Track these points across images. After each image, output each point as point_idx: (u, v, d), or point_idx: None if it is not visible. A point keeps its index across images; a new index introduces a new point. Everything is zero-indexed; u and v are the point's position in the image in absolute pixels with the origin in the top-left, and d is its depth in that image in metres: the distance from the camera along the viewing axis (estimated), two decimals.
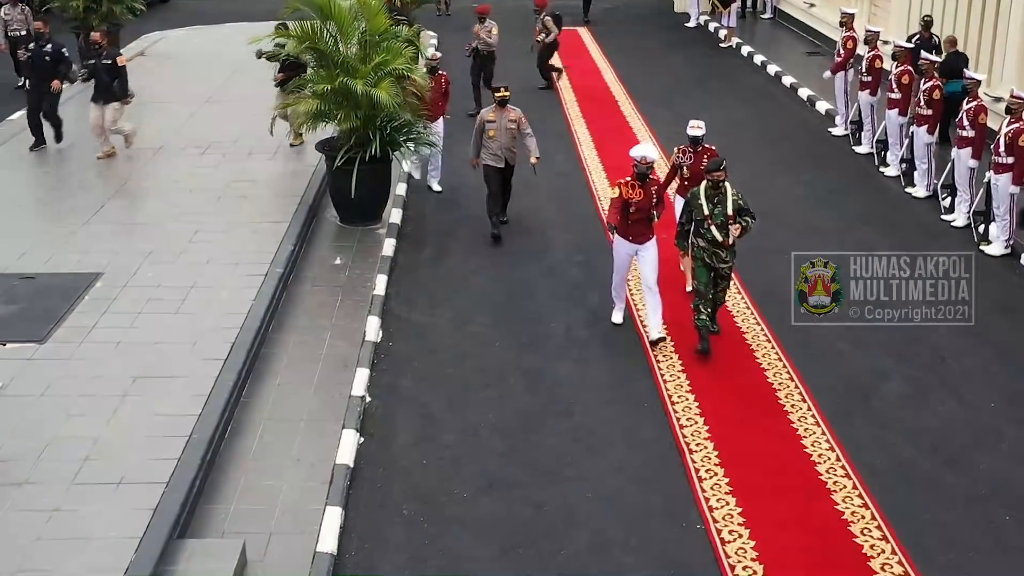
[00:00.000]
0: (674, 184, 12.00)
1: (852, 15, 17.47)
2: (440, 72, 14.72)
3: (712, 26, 26.31)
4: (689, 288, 11.04)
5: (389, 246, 12.99)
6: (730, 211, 10.09)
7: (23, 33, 19.86)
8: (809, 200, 14.89)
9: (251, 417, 9.29)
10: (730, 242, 10.16)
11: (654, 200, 10.57)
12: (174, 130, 16.63)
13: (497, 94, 13.08)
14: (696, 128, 11.63)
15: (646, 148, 10.82)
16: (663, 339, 10.56)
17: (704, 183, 10.28)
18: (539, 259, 12.93)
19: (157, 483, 7.95)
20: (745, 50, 23.87)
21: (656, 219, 10.70)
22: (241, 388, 9.52)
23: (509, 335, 11.06)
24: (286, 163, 15.26)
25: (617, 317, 11.13)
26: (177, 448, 8.39)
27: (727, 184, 10.20)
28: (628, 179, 10.57)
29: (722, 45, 24.74)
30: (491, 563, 7.74)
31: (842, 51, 17.30)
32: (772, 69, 21.96)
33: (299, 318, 11.13)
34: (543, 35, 20.39)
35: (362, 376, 10.02)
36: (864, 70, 16.22)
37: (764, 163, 16.39)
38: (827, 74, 17.58)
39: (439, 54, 15.04)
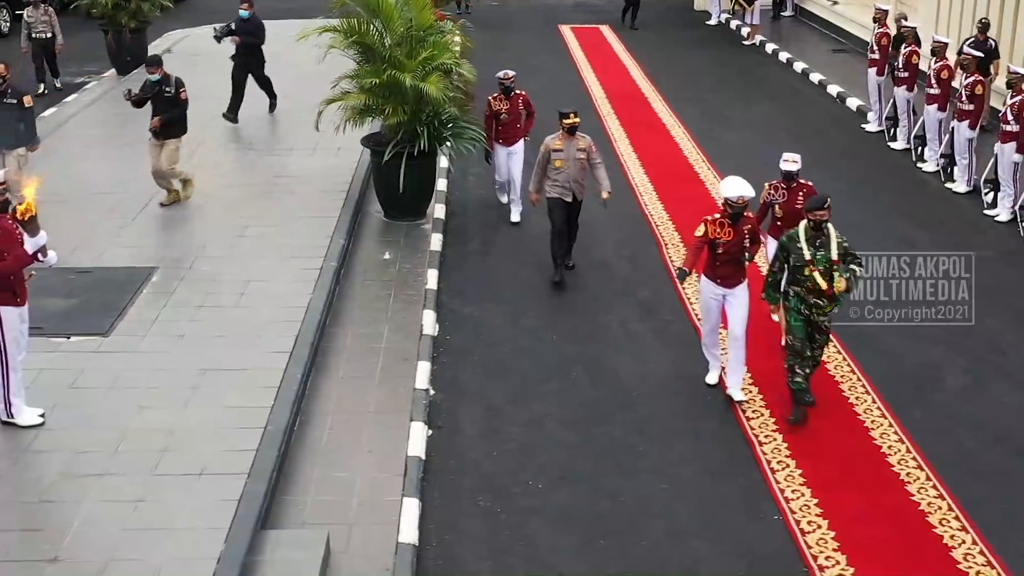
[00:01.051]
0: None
1: (886, 11, 17.46)
2: (517, 92, 13.46)
3: (733, 24, 26.34)
4: (784, 343, 9.55)
5: (436, 241, 13.00)
6: (835, 255, 8.90)
7: (48, 36, 19.74)
8: (847, 195, 14.82)
9: (318, 409, 9.30)
10: (834, 291, 8.96)
11: (746, 240, 9.35)
12: (210, 126, 16.61)
13: (566, 120, 11.59)
14: (791, 162, 10.51)
15: (741, 185, 9.37)
16: (745, 401, 9.50)
17: (803, 223, 9.07)
18: (586, 253, 12.91)
19: (238, 474, 7.96)
20: (769, 47, 23.91)
21: (749, 260, 9.56)
22: (306, 381, 9.53)
23: (564, 329, 11.08)
24: (326, 158, 15.25)
25: (712, 377, 9.82)
26: (253, 440, 8.41)
27: (830, 225, 9.01)
28: (717, 217, 9.41)
29: (745, 43, 24.76)
30: (573, 554, 7.75)
31: (876, 47, 17.31)
32: (799, 66, 21.99)
33: (354, 312, 11.13)
34: None
35: (424, 369, 10.03)
36: (901, 66, 16.24)
37: (805, 160, 16.34)
38: (875, 76, 17.44)
39: (512, 73, 13.42)
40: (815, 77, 21.08)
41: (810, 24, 26.13)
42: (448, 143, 13.19)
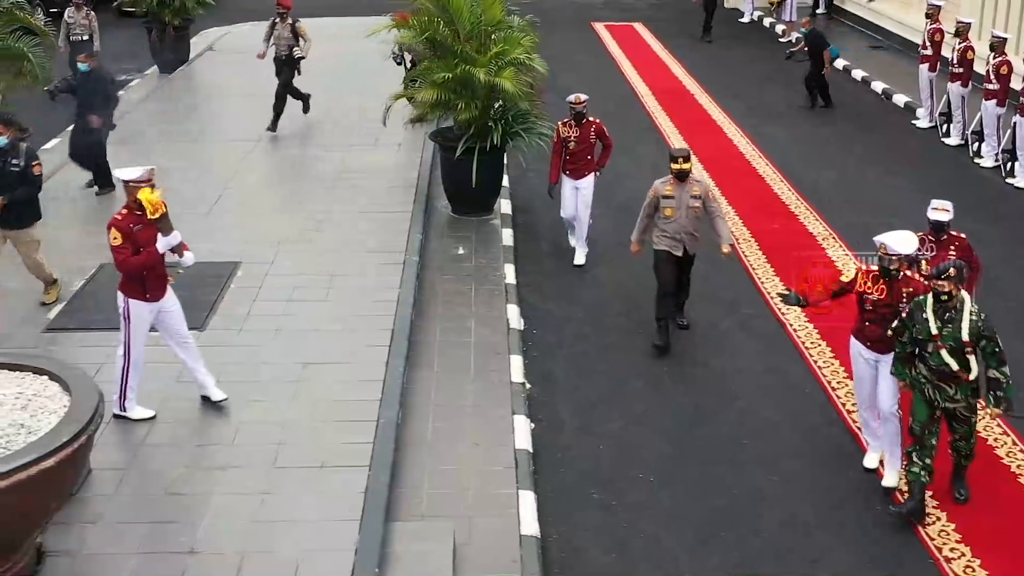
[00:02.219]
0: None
1: (939, 7, 17.47)
2: (589, 119, 11.96)
3: (767, 21, 26.36)
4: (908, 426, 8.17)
5: (507, 236, 13.01)
6: (965, 335, 7.54)
7: (85, 38, 19.29)
8: (906, 191, 14.91)
9: (417, 403, 9.29)
10: (969, 377, 7.66)
11: (903, 300, 8.02)
12: (266, 121, 16.61)
13: (674, 166, 10.23)
14: (941, 211, 9.09)
15: (906, 240, 8.19)
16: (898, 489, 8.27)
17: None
18: (648, 251, 12.88)
19: (358, 467, 7.98)
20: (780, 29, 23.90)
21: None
22: (405, 374, 9.53)
23: (649, 324, 11.06)
24: (388, 154, 15.30)
25: (870, 460, 8.57)
26: (366, 433, 8.42)
27: (966, 296, 7.67)
28: (869, 269, 8.31)
29: (781, 40, 24.77)
30: (694, 546, 7.77)
31: (929, 43, 17.33)
32: (839, 63, 21.95)
33: (438, 306, 11.13)
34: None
35: (516, 363, 10.04)
36: (955, 61, 16.26)
37: (852, 155, 16.46)
38: (927, 72, 17.43)
39: (585, 97, 11.93)
40: (857, 74, 21.10)
41: (843, 21, 26.13)
42: (521, 138, 13.15)
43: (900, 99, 19.13)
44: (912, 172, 15.64)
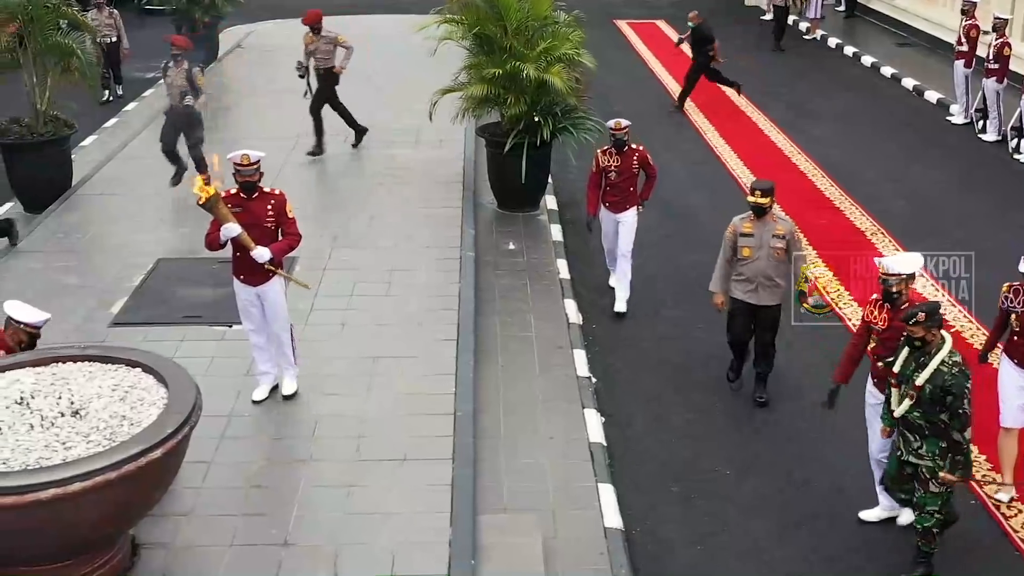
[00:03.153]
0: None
1: (975, 3, 17.46)
2: (632, 146, 10.77)
3: (790, 18, 26.33)
4: None
5: (556, 232, 13.01)
6: (919, 380, 6.84)
7: (113, 39, 18.97)
8: (950, 186, 14.92)
9: (487, 397, 9.28)
10: (897, 415, 7.07)
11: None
12: (305, 118, 16.58)
13: (752, 198, 9.08)
14: None
15: (908, 261, 7.66)
16: None
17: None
18: (706, 244, 12.86)
19: (440, 460, 7.99)
20: (832, 41, 23.90)
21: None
22: (475, 369, 9.53)
23: (706, 319, 11.04)
24: (430, 150, 15.28)
25: (869, 515, 7.95)
26: (445, 426, 8.42)
27: (947, 345, 6.90)
28: (872, 297, 7.79)
29: (806, 37, 24.76)
30: (776, 538, 7.77)
31: (964, 39, 17.32)
32: (867, 60, 21.99)
33: (495, 301, 11.12)
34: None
35: (580, 357, 10.03)
36: (991, 57, 16.28)
37: (891, 151, 16.44)
38: (962, 68, 17.43)
39: (626, 123, 10.70)
40: (887, 71, 21.08)
41: (865, 18, 26.10)
42: (570, 133, 13.14)
43: (932, 95, 19.12)
44: (952, 167, 15.63)
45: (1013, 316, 7.85)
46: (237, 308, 8.79)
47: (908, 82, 20.17)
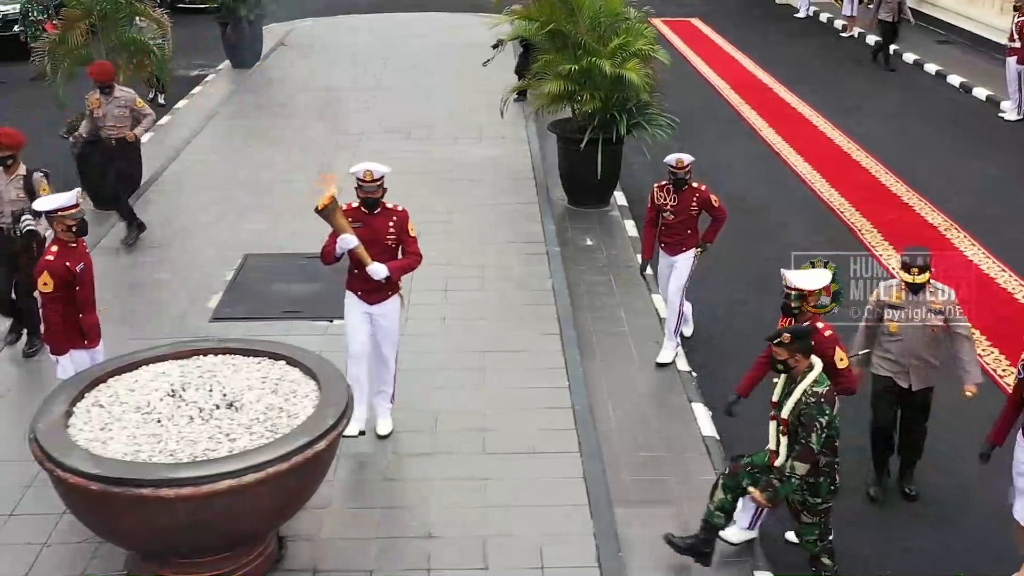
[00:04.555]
0: None
1: None
2: (692, 185, 9.51)
3: (823, 16, 26.40)
4: None
5: (631, 227, 12.99)
6: (784, 412, 6.57)
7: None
8: (1006, 185, 14.91)
9: (594, 391, 9.27)
10: (775, 461, 6.73)
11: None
12: (361, 115, 16.62)
13: (907, 275, 7.61)
14: None
15: (813, 277, 7.36)
16: None
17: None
18: (778, 238, 12.91)
19: (567, 453, 8.01)
20: (871, 39, 23.89)
21: None
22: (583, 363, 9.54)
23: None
24: (494, 147, 15.29)
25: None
26: (565, 419, 8.44)
27: (815, 372, 6.52)
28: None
29: (843, 35, 24.78)
30: (895, 533, 7.76)
31: (1017, 36, 17.35)
32: (909, 57, 22.00)
33: (583, 296, 11.11)
34: None
35: (679, 352, 10.02)
36: (1015, 35, 16.43)
37: (946, 148, 16.46)
38: (1015, 65, 17.45)
39: (689, 159, 9.40)
40: (930, 68, 21.10)
41: (900, 17, 26.07)
42: (644, 129, 13.14)
43: (980, 92, 19.14)
44: (1011, 163, 15.65)
45: None
46: (343, 314, 8.19)
47: (954, 79, 20.18)
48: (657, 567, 6.99)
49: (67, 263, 7.33)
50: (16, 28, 20.31)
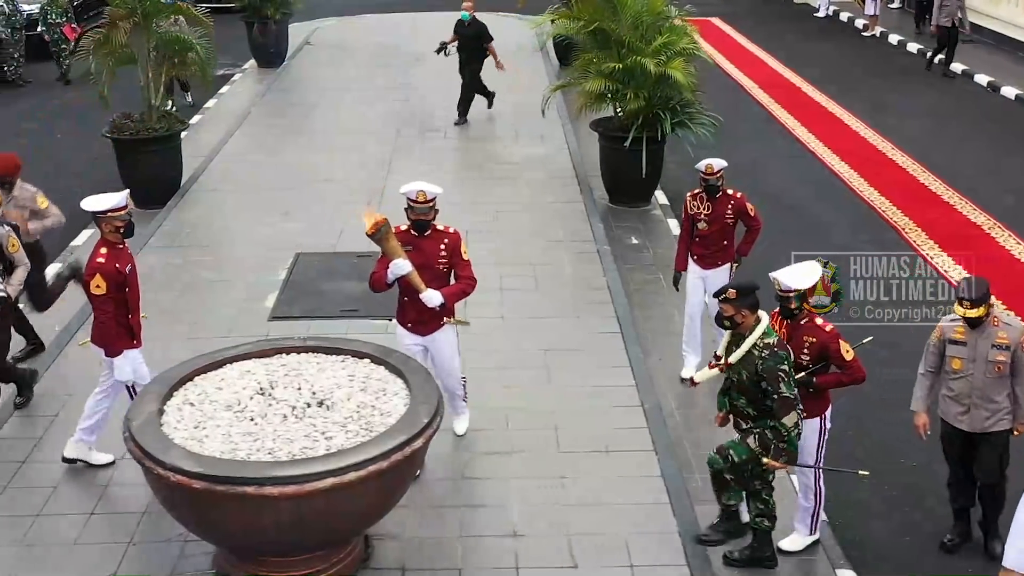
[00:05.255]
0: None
1: None
2: (727, 192, 9.03)
3: (843, 15, 26.41)
4: None
5: (674, 226, 12.97)
6: (732, 359, 6.61)
7: None
8: None
9: (658, 389, 9.24)
10: (696, 380, 7.15)
11: (805, 352, 6.84)
12: (396, 114, 16.60)
13: (962, 309, 6.90)
14: None
15: (805, 274, 6.98)
16: None
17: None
18: (821, 237, 12.89)
19: (643, 451, 7.99)
20: (894, 38, 23.93)
21: None
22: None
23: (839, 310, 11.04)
24: (534, 146, 15.31)
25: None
26: (635, 417, 8.42)
27: (763, 325, 6.53)
28: (775, 312, 6.96)
29: (865, 34, 24.79)
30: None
31: None
32: (936, 57, 21.97)
33: (632, 295, 11.09)
34: None
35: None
36: None
37: (982, 146, 16.46)
38: None
39: (720, 164, 8.95)
40: (956, 67, 21.09)
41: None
42: (688, 128, 13.13)
43: (1009, 91, 19.15)
44: None
45: None
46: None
47: (981, 79, 20.19)
48: (742, 568, 6.96)
49: (116, 264, 7.31)
50: (40, 28, 20.31)
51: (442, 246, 7.51)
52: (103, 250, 7.32)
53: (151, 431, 6.12)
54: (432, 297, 7.38)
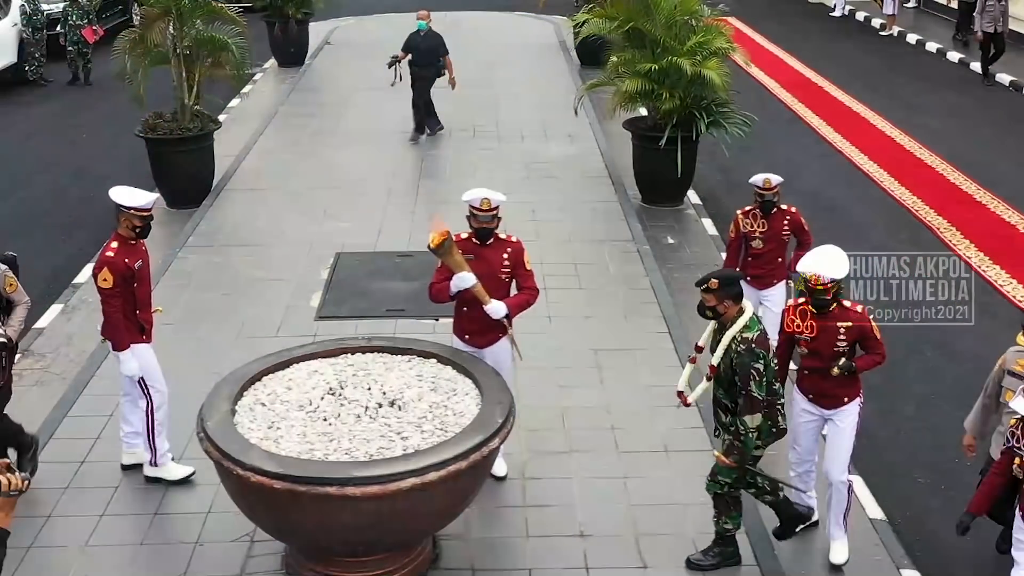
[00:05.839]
0: None
1: None
2: (782, 207, 8.72)
3: (860, 15, 26.41)
4: None
5: (709, 226, 12.97)
6: (714, 360, 6.49)
7: None
8: None
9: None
10: (688, 400, 6.96)
11: (840, 339, 6.65)
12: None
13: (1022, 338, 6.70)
14: None
15: (836, 261, 6.70)
16: None
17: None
18: (862, 239, 12.83)
19: (702, 451, 7.93)
20: (912, 38, 23.92)
21: None
22: None
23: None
24: (563, 145, 15.30)
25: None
26: (691, 417, 8.34)
27: (746, 316, 6.41)
28: (796, 303, 6.84)
29: (883, 33, 24.79)
30: None
31: None
32: (953, 56, 22.01)
33: (674, 294, 11.07)
34: None
35: None
36: None
37: (1012, 146, 16.43)
38: None
39: (777, 180, 8.60)
40: (977, 67, 21.07)
41: (936, 14, 26.13)
42: (723, 127, 13.11)
43: None
44: None
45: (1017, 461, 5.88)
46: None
47: (1003, 78, 20.18)
48: (810, 565, 6.95)
49: (126, 260, 7.25)
50: (59, 28, 20.31)
51: (505, 255, 7.32)
52: (114, 244, 7.28)
53: (227, 431, 6.10)
54: (497, 309, 7.18)
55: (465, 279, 7.06)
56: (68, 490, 7.51)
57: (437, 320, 9.87)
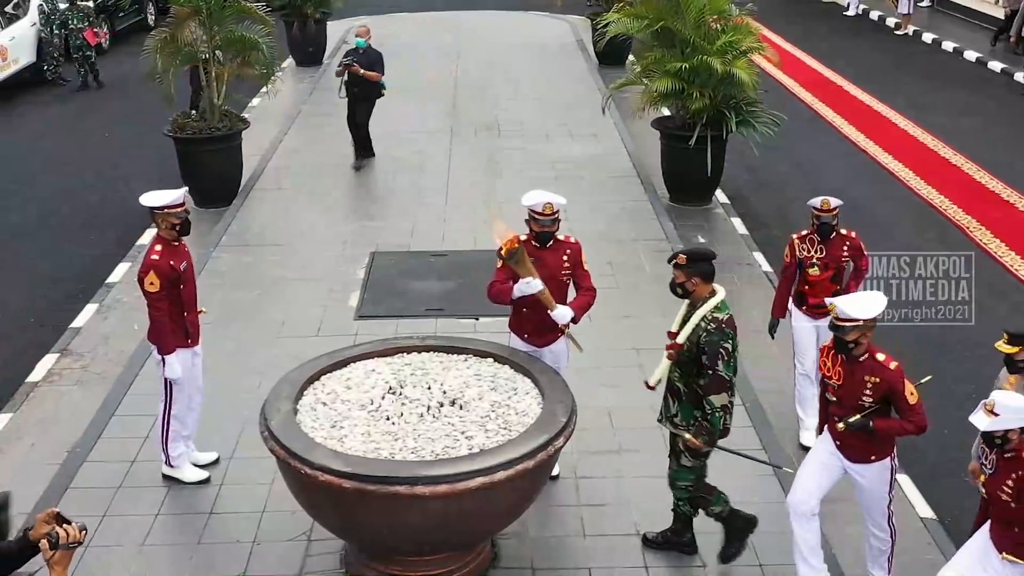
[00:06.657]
0: None
1: None
2: (841, 232, 8.22)
3: (875, 14, 26.41)
4: None
5: (739, 224, 12.99)
6: (681, 338, 6.44)
7: None
8: None
9: (745, 387, 9.24)
10: (652, 383, 6.80)
11: (867, 391, 6.20)
12: (447, 113, 16.58)
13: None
14: None
15: (867, 303, 6.23)
16: None
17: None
18: (889, 238, 12.84)
19: (751, 449, 7.93)
20: (928, 37, 23.92)
21: None
22: None
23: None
24: (588, 144, 15.30)
25: None
26: (738, 416, 8.25)
27: (717, 298, 6.47)
28: (827, 346, 6.44)
29: (897, 33, 24.79)
30: None
31: None
32: (970, 55, 22.01)
33: None
34: None
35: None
36: None
37: None
38: None
39: (837, 202, 8.07)
40: (995, 66, 21.11)
41: (949, 13, 26.13)
42: (752, 127, 13.12)
43: None
44: None
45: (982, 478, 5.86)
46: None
47: (1020, 76, 20.19)
48: (863, 563, 6.96)
49: (171, 262, 7.27)
50: (63, 31, 20.24)
51: (564, 257, 7.32)
52: (158, 247, 7.29)
53: (291, 430, 6.11)
54: (564, 314, 7.15)
55: (533, 285, 7.02)
56: (121, 489, 7.52)
57: (477, 319, 9.91)
